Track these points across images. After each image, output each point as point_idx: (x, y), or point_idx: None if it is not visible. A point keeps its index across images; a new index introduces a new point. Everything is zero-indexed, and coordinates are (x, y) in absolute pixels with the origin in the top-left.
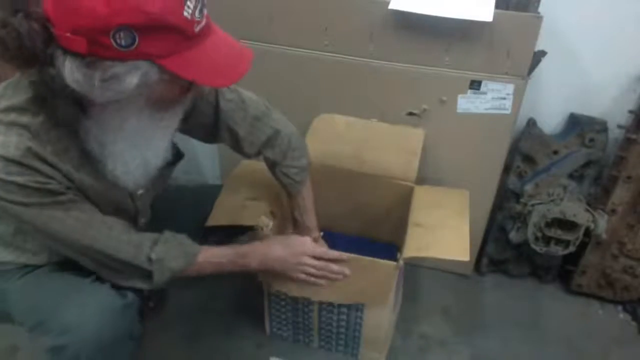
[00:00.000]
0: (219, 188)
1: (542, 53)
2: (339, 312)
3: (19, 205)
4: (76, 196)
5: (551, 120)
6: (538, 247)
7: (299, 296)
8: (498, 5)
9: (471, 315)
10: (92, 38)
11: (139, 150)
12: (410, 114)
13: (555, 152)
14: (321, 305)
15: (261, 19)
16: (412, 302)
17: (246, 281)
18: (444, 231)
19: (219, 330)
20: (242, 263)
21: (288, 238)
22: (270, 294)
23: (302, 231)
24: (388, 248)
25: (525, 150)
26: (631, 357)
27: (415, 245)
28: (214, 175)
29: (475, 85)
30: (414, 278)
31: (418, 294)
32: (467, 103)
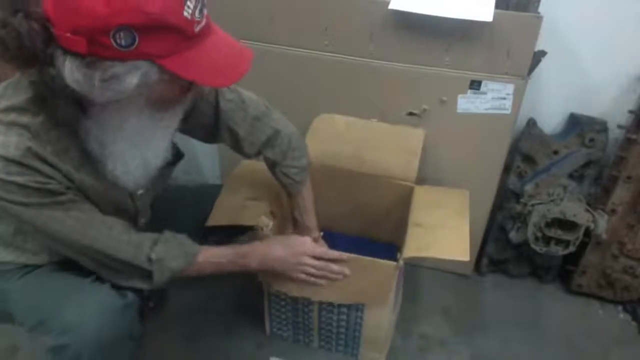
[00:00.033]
0: (219, 188)
1: (542, 53)
2: (339, 312)
3: (19, 205)
4: (76, 196)
5: (551, 120)
6: (538, 247)
7: (299, 296)
8: (498, 5)
9: (471, 315)
10: (92, 38)
11: (139, 150)
12: (410, 114)
13: (555, 152)
14: (321, 305)
15: (261, 19)
16: (412, 302)
17: (246, 281)
18: (444, 231)
19: (219, 330)
20: (242, 263)
21: (288, 238)
22: (270, 294)
23: (302, 231)
24: (388, 248)
25: (525, 150)
26: (631, 357)
27: (415, 245)
28: (214, 175)
29: (475, 85)
30: (414, 278)
31: (418, 294)
32: (467, 103)
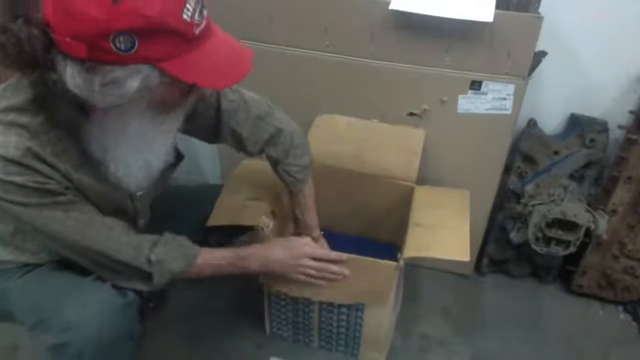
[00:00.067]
0: (220, 188)
1: (543, 53)
2: (339, 312)
3: (18, 205)
4: (76, 197)
5: (552, 120)
6: (538, 248)
7: (300, 296)
8: (498, 5)
9: (471, 315)
10: (92, 43)
11: (141, 153)
12: (410, 114)
13: (555, 153)
14: (321, 305)
15: (261, 19)
16: (412, 302)
17: (246, 281)
18: (444, 231)
19: (219, 330)
20: (242, 265)
21: (288, 240)
22: (270, 294)
23: (303, 229)
24: (388, 248)
25: (525, 150)
26: (631, 358)
27: (415, 245)
28: (215, 175)
29: (475, 85)
30: (414, 278)
31: (418, 294)
32: (468, 103)
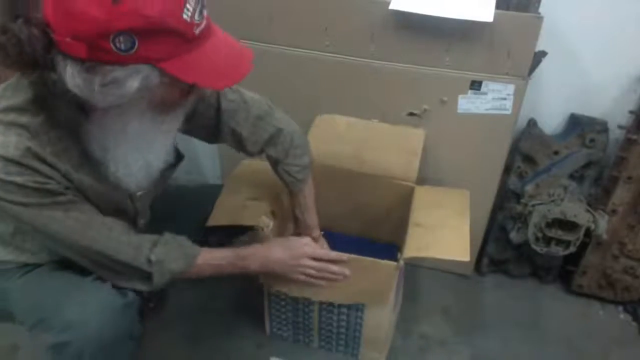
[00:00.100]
0: (220, 188)
1: (543, 53)
2: (339, 312)
3: (18, 205)
4: (75, 197)
5: (552, 120)
6: (538, 248)
7: (300, 296)
8: (498, 5)
9: (471, 315)
10: (92, 43)
11: (141, 153)
12: (410, 114)
13: (555, 153)
14: (321, 305)
15: (261, 19)
16: (412, 302)
17: (246, 281)
18: (444, 231)
19: (219, 330)
20: (242, 265)
21: (288, 240)
22: (270, 294)
23: (303, 229)
24: (388, 248)
25: (525, 150)
26: (632, 358)
27: (415, 245)
28: (215, 175)
29: (475, 85)
30: (414, 278)
31: (418, 294)
32: (468, 103)
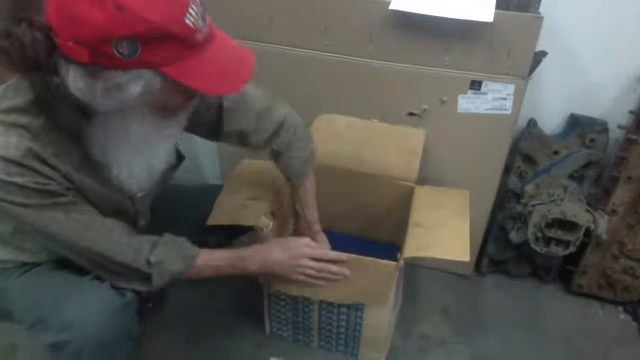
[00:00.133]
0: (219, 188)
1: (543, 54)
2: (339, 312)
3: (19, 206)
4: (76, 198)
5: (552, 120)
6: (539, 248)
7: (300, 296)
8: (499, 5)
9: (471, 315)
10: (95, 48)
11: (143, 156)
12: (410, 115)
13: (555, 153)
14: (321, 305)
15: (261, 19)
16: (413, 302)
17: (246, 281)
18: (445, 231)
19: (219, 330)
20: (242, 267)
21: (287, 241)
22: (270, 294)
23: (303, 225)
24: (389, 248)
25: (525, 150)
26: (631, 358)
27: (415, 245)
28: (215, 175)
29: (475, 85)
30: (414, 278)
31: (418, 294)
32: (468, 103)
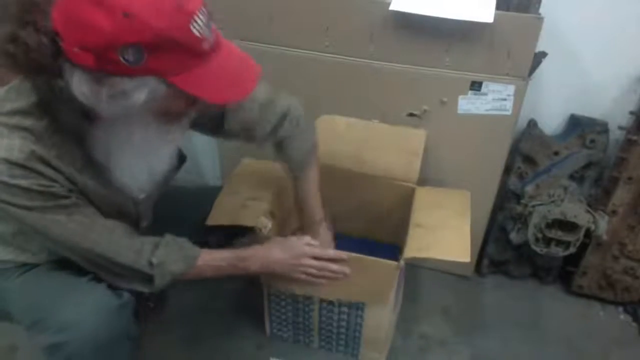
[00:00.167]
0: (219, 190)
1: (543, 54)
2: (340, 312)
3: (22, 208)
4: (78, 199)
5: (552, 121)
6: (538, 248)
7: (300, 294)
8: (499, 6)
9: (471, 315)
10: (100, 54)
11: (146, 160)
12: (410, 115)
13: (555, 153)
14: (321, 305)
15: (261, 19)
16: (413, 303)
17: (246, 281)
18: (445, 232)
19: (219, 330)
20: (242, 266)
21: (287, 240)
22: (270, 294)
23: (306, 216)
24: (390, 249)
25: (525, 151)
26: (632, 358)
27: (416, 245)
28: (215, 175)
29: (475, 86)
30: (415, 278)
31: (418, 294)
32: (468, 104)
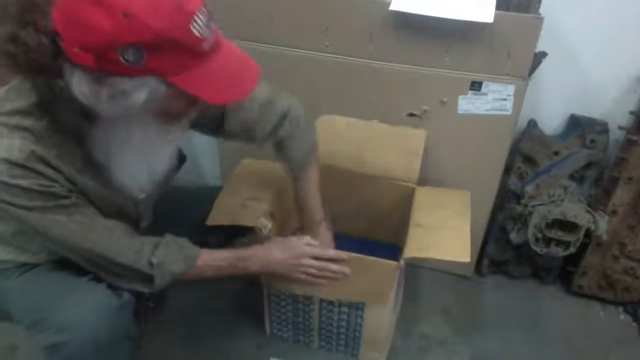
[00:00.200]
0: (219, 190)
1: (543, 54)
2: (340, 312)
3: (22, 208)
4: (78, 199)
5: (552, 121)
6: (538, 248)
7: (301, 294)
8: (499, 6)
9: (471, 315)
10: (100, 54)
11: (146, 161)
12: (410, 115)
13: (555, 153)
14: (322, 305)
15: (261, 19)
16: (413, 303)
17: (246, 281)
18: (445, 232)
19: (219, 331)
20: (242, 266)
21: (287, 240)
22: (270, 294)
23: (306, 216)
24: (390, 249)
25: (525, 151)
26: (632, 359)
27: (416, 245)
28: (215, 175)
29: (475, 86)
30: (415, 278)
31: (418, 294)
32: (468, 104)
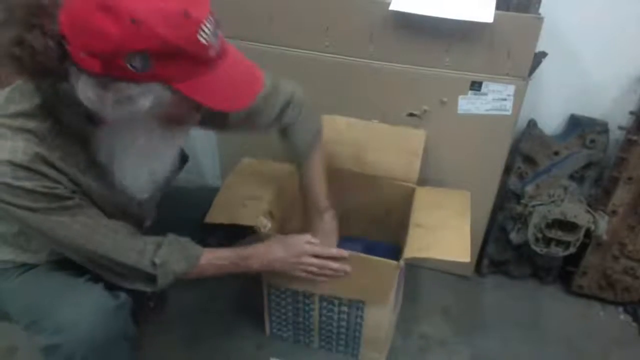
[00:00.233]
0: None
1: (543, 54)
2: (340, 312)
3: (26, 210)
4: (82, 200)
5: (552, 121)
6: (538, 248)
7: (301, 290)
8: (499, 6)
9: (471, 315)
10: (107, 60)
11: (149, 162)
12: (410, 115)
13: (555, 153)
14: (322, 304)
15: (261, 19)
16: (413, 302)
17: (246, 281)
18: (445, 232)
19: (219, 331)
20: (244, 265)
21: (288, 238)
22: (270, 294)
23: (311, 203)
24: (390, 249)
25: (525, 151)
26: (632, 359)
27: (416, 245)
28: (214, 175)
29: (475, 86)
30: (415, 278)
31: (418, 294)
32: (468, 104)
